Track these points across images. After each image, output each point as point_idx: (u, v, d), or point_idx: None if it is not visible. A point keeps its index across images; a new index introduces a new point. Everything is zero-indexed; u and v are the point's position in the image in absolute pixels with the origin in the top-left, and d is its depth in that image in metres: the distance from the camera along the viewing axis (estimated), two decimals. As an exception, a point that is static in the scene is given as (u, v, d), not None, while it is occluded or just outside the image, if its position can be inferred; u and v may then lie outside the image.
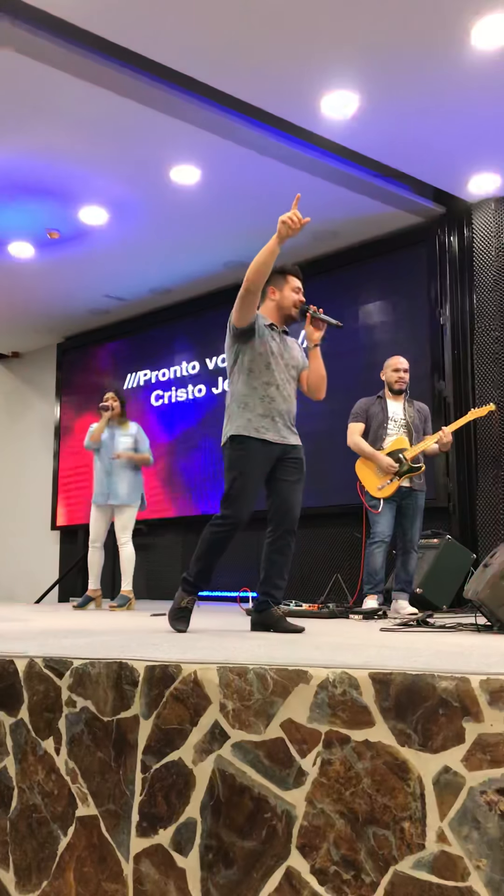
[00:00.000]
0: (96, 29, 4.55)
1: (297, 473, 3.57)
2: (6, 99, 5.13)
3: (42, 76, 4.86)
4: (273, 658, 2.03)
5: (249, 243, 7.22)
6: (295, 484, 3.55)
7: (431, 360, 6.54)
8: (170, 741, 1.94)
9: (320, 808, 1.72)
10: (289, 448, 3.56)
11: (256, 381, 3.53)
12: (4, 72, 4.85)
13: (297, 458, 3.58)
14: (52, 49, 4.59)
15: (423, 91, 5.06)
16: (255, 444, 3.47)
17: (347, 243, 7.21)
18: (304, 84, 5.01)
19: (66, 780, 2.10)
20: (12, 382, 10.85)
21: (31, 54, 4.66)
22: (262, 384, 3.53)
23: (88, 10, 4.41)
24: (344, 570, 6.17)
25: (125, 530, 6.11)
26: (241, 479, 3.44)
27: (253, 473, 3.47)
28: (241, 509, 3.44)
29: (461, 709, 1.64)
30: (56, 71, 4.80)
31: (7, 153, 5.78)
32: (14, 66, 4.77)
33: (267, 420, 3.50)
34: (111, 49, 4.67)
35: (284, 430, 3.56)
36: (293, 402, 3.66)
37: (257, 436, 3.47)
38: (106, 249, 7.36)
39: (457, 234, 6.57)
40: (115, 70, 4.78)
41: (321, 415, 7.23)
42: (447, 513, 6.33)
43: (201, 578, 3.51)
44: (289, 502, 3.54)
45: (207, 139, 5.53)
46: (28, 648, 2.45)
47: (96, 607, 6.04)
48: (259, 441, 3.47)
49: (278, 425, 3.53)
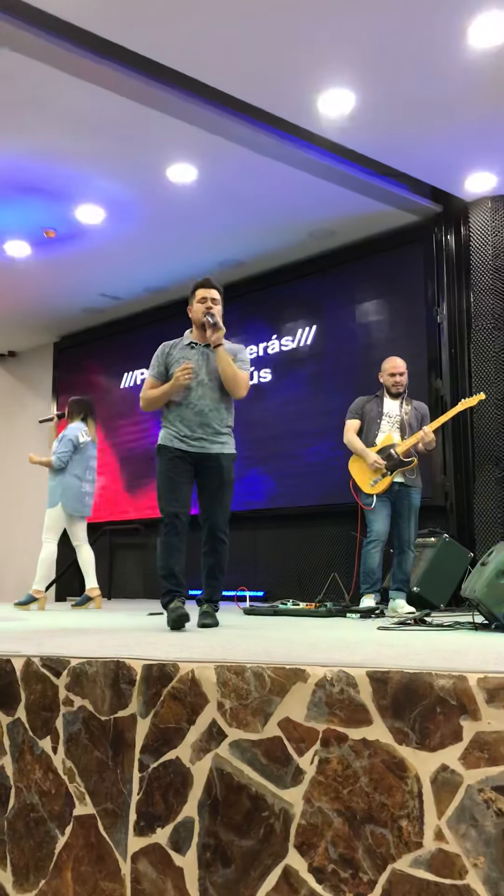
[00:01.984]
0: (93, 28, 4.55)
1: (213, 480, 3.91)
2: (3, 98, 5.12)
3: (39, 75, 4.85)
4: (271, 657, 2.03)
5: (245, 242, 7.23)
6: (214, 490, 3.91)
7: (428, 358, 6.54)
8: (167, 740, 1.94)
9: (318, 807, 1.72)
10: (209, 456, 3.90)
11: (176, 399, 3.97)
12: (1, 71, 4.84)
13: (214, 465, 3.90)
14: (48, 48, 4.57)
15: (419, 89, 5.06)
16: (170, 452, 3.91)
17: (344, 242, 7.21)
18: (300, 82, 5.01)
19: (63, 780, 2.10)
20: (9, 381, 10.84)
21: (28, 53, 4.64)
22: (176, 404, 3.95)
23: (86, 8, 4.40)
24: (341, 569, 6.17)
25: (45, 529, 6.22)
26: (159, 479, 3.93)
27: (168, 475, 3.89)
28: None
29: (459, 707, 1.64)
30: (53, 70, 4.79)
31: (4, 152, 5.77)
32: (11, 64, 4.76)
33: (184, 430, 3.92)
34: (108, 48, 4.66)
35: (204, 441, 3.89)
36: (220, 411, 3.95)
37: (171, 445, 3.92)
38: (102, 248, 7.35)
39: (454, 233, 6.57)
40: (112, 69, 4.76)
41: (316, 414, 7.25)
42: (444, 511, 6.33)
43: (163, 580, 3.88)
44: (208, 508, 3.92)
45: (204, 138, 5.52)
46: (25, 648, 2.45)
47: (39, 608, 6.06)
48: (175, 449, 3.90)
49: (196, 436, 3.90)
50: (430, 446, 5.15)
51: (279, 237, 7.11)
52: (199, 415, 3.91)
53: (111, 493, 9.08)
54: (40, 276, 8.00)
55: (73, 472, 6.19)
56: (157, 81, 4.90)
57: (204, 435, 3.89)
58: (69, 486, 6.16)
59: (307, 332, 7.55)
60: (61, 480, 6.18)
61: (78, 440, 6.23)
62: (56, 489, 6.17)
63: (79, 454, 6.24)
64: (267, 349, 7.84)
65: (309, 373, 7.47)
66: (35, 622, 4.24)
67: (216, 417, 3.93)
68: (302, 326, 7.59)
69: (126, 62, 4.75)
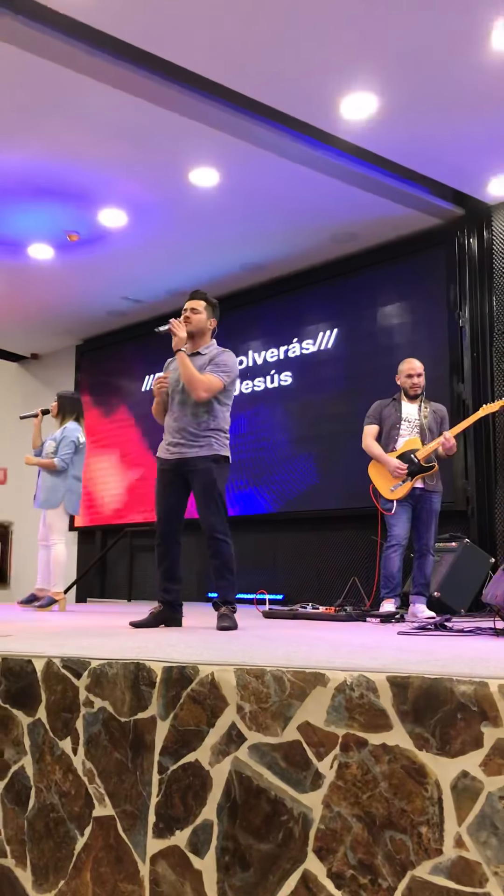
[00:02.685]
0: (116, 32, 4.57)
1: (196, 484, 3.95)
2: (27, 102, 5.17)
3: (62, 79, 4.89)
4: (290, 660, 2.02)
5: (267, 245, 7.23)
6: (199, 495, 3.94)
7: (450, 362, 6.51)
8: (187, 742, 1.94)
9: (337, 812, 1.71)
10: (187, 461, 3.94)
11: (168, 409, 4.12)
12: (25, 75, 4.89)
13: (194, 469, 3.93)
14: (72, 52, 4.61)
15: (442, 92, 5.04)
16: (159, 463, 4.06)
17: (366, 245, 7.20)
18: (323, 86, 5.01)
19: (83, 781, 2.11)
20: (31, 384, 10.91)
21: (51, 57, 4.68)
22: (167, 414, 4.10)
23: (108, 12, 4.43)
24: (361, 573, 6.15)
25: (51, 532, 6.15)
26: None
27: (157, 489, 4.03)
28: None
29: (479, 713, 1.63)
30: (76, 74, 4.83)
31: (27, 156, 5.82)
32: (34, 69, 4.81)
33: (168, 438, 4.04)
34: (131, 52, 4.69)
35: (182, 446, 3.96)
36: (198, 415, 3.99)
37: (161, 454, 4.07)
38: (124, 251, 7.39)
39: (476, 236, 6.54)
40: (135, 73, 4.79)
41: (337, 417, 7.23)
42: (465, 516, 6.29)
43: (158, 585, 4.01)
44: (199, 512, 3.96)
45: (226, 141, 5.54)
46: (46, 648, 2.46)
47: (60, 609, 6.07)
48: (161, 459, 4.05)
49: (174, 442, 3.98)
50: (451, 452, 5.12)
51: (301, 240, 7.11)
52: (177, 420, 4.01)
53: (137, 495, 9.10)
54: (63, 279, 8.05)
55: (73, 474, 6.20)
56: (179, 85, 4.92)
57: (182, 440, 3.96)
58: (72, 488, 6.19)
59: (328, 335, 7.54)
60: (63, 481, 6.18)
61: (78, 441, 6.25)
62: (57, 490, 6.16)
63: (78, 455, 6.25)
64: (288, 352, 7.84)
65: (330, 376, 7.45)
66: (55, 623, 4.26)
67: (192, 422, 3.97)
68: (323, 329, 7.58)
69: (149, 66, 4.78)
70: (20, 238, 7.17)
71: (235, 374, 4.14)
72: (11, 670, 2.36)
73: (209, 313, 4.22)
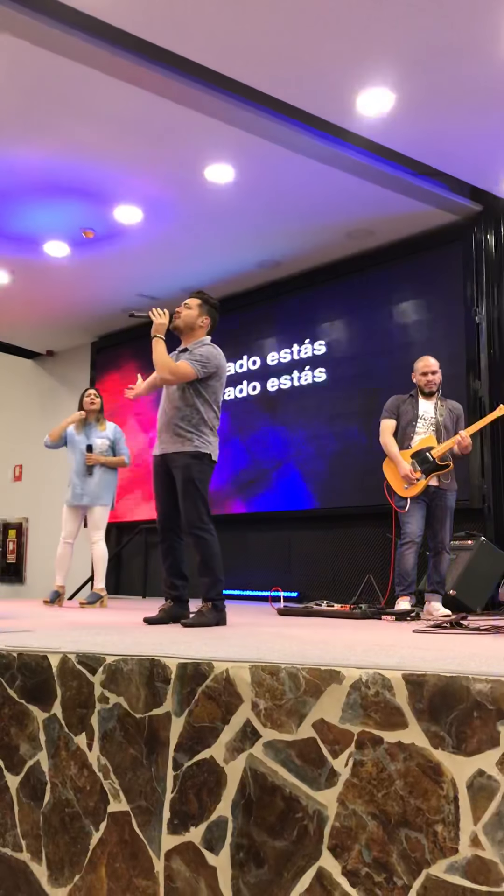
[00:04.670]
0: (131, 28, 4.58)
1: (177, 480, 3.95)
2: (42, 99, 5.18)
3: (78, 76, 4.90)
4: (306, 657, 2.02)
5: (283, 242, 7.22)
6: (178, 490, 3.94)
7: (467, 359, 6.48)
8: (201, 739, 1.94)
9: (352, 809, 1.70)
10: (169, 456, 3.98)
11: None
12: (40, 71, 4.90)
13: (174, 465, 3.95)
14: (87, 48, 4.62)
15: (459, 88, 5.01)
16: (153, 458, 4.10)
17: (383, 241, 7.17)
18: (339, 82, 4.99)
19: (98, 776, 2.11)
20: (47, 381, 10.94)
21: (67, 54, 4.69)
22: (159, 410, 4.16)
23: (123, 8, 4.43)
24: (376, 571, 6.13)
25: (97, 529, 6.16)
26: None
27: (154, 486, 4.13)
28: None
29: (496, 712, 1.62)
30: (92, 70, 4.84)
31: (43, 153, 5.83)
32: (49, 65, 4.82)
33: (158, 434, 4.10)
34: (146, 48, 4.69)
35: (166, 441, 4.00)
36: (180, 409, 4.00)
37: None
38: (140, 248, 7.40)
39: (493, 233, 6.50)
40: (150, 69, 4.79)
41: (352, 415, 7.21)
42: (482, 514, 6.26)
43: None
44: (180, 506, 3.97)
45: (242, 138, 5.53)
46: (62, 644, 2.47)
47: (59, 605, 6.09)
48: (154, 455, 4.10)
49: (162, 437, 4.04)
50: (467, 451, 5.09)
51: (317, 237, 7.09)
52: (163, 415, 4.08)
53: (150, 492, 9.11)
54: (79, 276, 8.07)
55: (114, 472, 6.28)
56: (195, 81, 4.92)
57: (165, 436, 4.01)
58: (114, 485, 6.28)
59: (345, 331, 7.52)
60: (115, 479, 6.28)
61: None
62: (111, 487, 6.24)
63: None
64: (303, 350, 7.83)
65: (346, 373, 7.43)
66: (71, 619, 4.28)
67: (175, 416, 3.99)
68: (339, 327, 7.56)
69: (164, 62, 4.78)
70: (36, 235, 7.20)
71: (214, 369, 3.99)
72: (27, 666, 2.37)
73: (202, 311, 4.17)
